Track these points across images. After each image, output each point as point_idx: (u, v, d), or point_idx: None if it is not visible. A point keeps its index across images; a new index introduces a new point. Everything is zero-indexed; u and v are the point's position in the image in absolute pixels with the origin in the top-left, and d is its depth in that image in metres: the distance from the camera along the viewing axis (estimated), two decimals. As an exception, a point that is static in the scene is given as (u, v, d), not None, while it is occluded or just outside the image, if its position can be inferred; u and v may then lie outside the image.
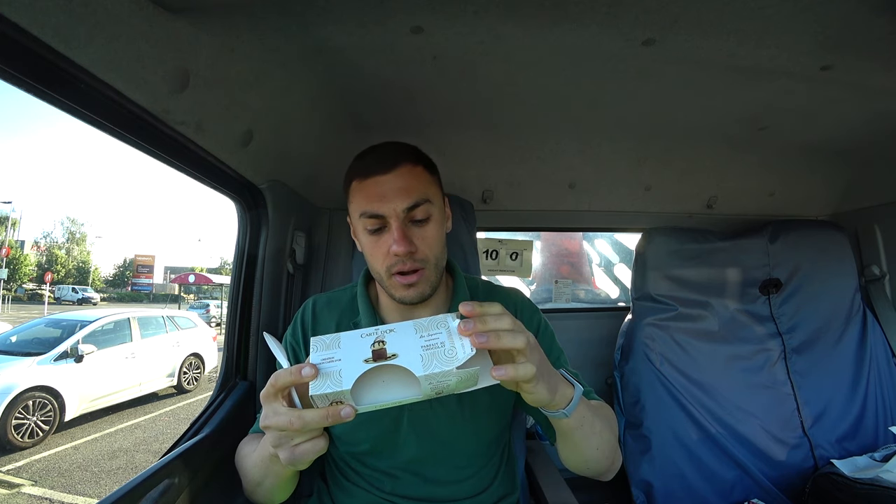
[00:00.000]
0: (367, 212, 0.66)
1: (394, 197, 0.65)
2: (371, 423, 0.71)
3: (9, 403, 4.23)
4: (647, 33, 0.74)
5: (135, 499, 0.62)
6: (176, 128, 0.66)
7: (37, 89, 0.49)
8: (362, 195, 0.67)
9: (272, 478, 0.62)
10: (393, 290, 0.69)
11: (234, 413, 0.89)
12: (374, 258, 0.69)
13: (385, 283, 0.69)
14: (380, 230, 0.67)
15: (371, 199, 0.66)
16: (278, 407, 0.50)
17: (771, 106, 1.03)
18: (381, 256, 0.67)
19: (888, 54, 0.78)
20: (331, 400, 0.47)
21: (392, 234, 0.65)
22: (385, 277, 0.68)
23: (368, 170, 0.67)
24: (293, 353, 0.77)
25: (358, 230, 0.70)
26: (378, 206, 0.65)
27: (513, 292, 0.86)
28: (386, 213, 0.65)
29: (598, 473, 0.71)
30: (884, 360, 1.33)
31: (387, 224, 0.66)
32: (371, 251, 0.69)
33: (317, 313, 0.79)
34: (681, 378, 1.24)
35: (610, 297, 2.37)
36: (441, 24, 0.71)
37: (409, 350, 0.48)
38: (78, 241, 39.32)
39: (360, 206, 0.67)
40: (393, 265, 0.67)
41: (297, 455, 0.51)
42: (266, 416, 0.50)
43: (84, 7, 0.46)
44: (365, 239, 0.69)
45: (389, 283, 0.69)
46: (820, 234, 1.40)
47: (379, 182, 0.66)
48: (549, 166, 1.34)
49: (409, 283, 0.68)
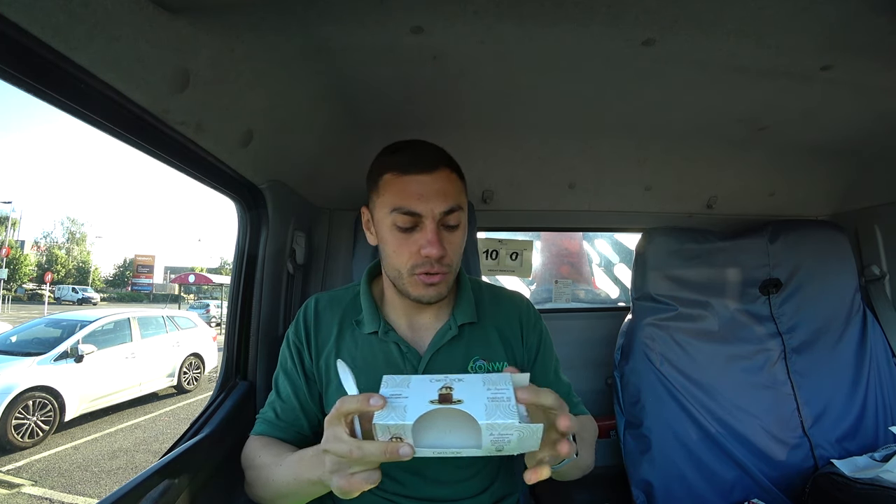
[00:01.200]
0: (403, 208, 0.65)
1: (433, 198, 0.65)
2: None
3: (9, 403, 4.23)
4: (647, 33, 0.74)
5: (135, 499, 0.62)
6: (176, 128, 0.66)
7: (37, 89, 0.49)
8: (398, 190, 0.66)
9: (305, 496, 0.63)
10: (412, 287, 0.69)
11: (234, 413, 0.89)
12: (398, 255, 0.68)
13: (404, 280, 0.69)
14: (411, 229, 0.66)
15: (409, 196, 0.65)
16: (341, 433, 0.50)
17: (771, 106, 1.03)
18: (408, 255, 0.67)
19: (888, 54, 0.78)
20: (392, 434, 0.47)
21: (425, 235, 0.65)
22: (406, 275, 0.68)
23: (408, 166, 0.66)
24: (297, 353, 0.77)
25: (382, 224, 0.69)
26: (416, 205, 0.65)
27: (517, 297, 0.86)
28: (423, 212, 0.65)
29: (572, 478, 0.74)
30: (884, 360, 1.33)
31: (419, 224, 0.66)
32: (396, 248, 0.68)
33: (319, 312, 0.79)
34: (681, 378, 1.24)
35: (610, 297, 2.37)
36: (441, 24, 0.71)
37: (475, 399, 0.48)
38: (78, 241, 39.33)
39: (394, 201, 0.66)
40: (419, 265, 0.67)
41: (352, 484, 0.51)
42: (327, 440, 0.51)
43: (84, 7, 0.46)
44: (391, 235, 0.68)
45: (409, 281, 0.68)
46: (820, 234, 1.40)
47: (420, 181, 0.65)
48: (549, 166, 1.34)
49: (431, 283, 0.68)
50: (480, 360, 0.77)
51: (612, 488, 1.30)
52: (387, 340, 0.74)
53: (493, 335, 0.79)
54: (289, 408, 0.75)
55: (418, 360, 0.74)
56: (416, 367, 0.74)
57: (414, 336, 0.77)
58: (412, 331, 0.77)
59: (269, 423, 0.75)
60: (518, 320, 0.82)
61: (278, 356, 0.80)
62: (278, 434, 0.74)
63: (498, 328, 0.80)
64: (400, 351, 0.74)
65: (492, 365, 0.77)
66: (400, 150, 0.69)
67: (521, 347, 0.81)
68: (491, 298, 0.83)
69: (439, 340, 0.75)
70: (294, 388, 0.76)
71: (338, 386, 0.74)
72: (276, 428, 0.75)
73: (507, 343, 0.80)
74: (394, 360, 0.74)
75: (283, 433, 0.75)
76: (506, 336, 0.80)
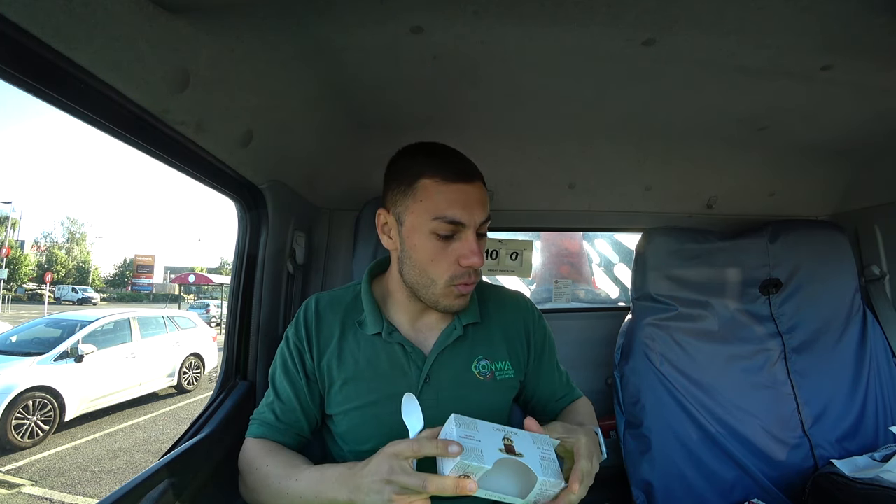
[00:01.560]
0: (447, 216, 0.65)
1: (475, 208, 0.66)
2: (379, 421, 0.71)
3: (9, 403, 4.23)
4: (647, 33, 0.74)
5: (135, 499, 0.62)
6: (176, 128, 0.66)
7: (37, 89, 0.49)
8: (443, 198, 0.65)
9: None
10: (443, 297, 0.69)
11: (234, 413, 0.89)
12: (436, 264, 0.67)
13: (437, 290, 0.69)
14: (449, 237, 0.66)
15: (454, 204, 0.65)
16: (407, 466, 0.54)
17: (771, 106, 1.03)
18: (447, 264, 0.67)
19: (888, 54, 0.78)
20: (464, 471, 0.52)
21: (466, 245, 0.66)
22: (442, 285, 0.68)
23: (453, 175, 0.66)
24: (298, 353, 0.76)
25: (417, 230, 0.67)
26: (461, 214, 0.65)
27: (520, 298, 0.87)
28: (467, 222, 0.65)
29: None
30: (884, 360, 1.33)
31: (458, 233, 0.66)
32: (435, 257, 0.67)
33: (320, 312, 0.79)
34: (681, 378, 1.24)
35: (610, 297, 2.37)
36: (441, 24, 0.71)
37: (531, 455, 0.54)
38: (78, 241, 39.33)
39: (437, 208, 0.65)
40: (458, 276, 0.67)
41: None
42: (394, 472, 0.53)
43: (84, 7, 0.46)
44: (429, 242, 0.67)
45: (444, 292, 0.69)
46: (820, 234, 1.40)
47: (464, 190, 0.66)
48: (549, 166, 1.34)
49: (465, 293, 0.69)
50: (484, 360, 0.77)
51: (612, 488, 1.30)
52: (391, 341, 0.74)
53: (496, 334, 0.80)
54: (289, 409, 0.75)
55: (423, 360, 0.74)
56: (420, 367, 0.73)
57: (418, 336, 0.77)
58: (416, 331, 0.77)
59: (269, 425, 0.74)
60: (522, 322, 0.83)
61: None
62: (278, 437, 0.74)
63: (501, 327, 0.81)
64: (404, 351, 0.74)
65: (495, 364, 0.77)
66: (438, 156, 0.68)
67: (525, 347, 0.82)
68: (493, 298, 0.84)
69: (444, 340, 0.75)
70: (295, 390, 0.75)
71: (341, 387, 0.73)
72: (276, 430, 0.74)
73: (510, 342, 0.80)
74: (398, 360, 0.74)
75: (283, 436, 0.74)
76: (509, 335, 0.81)
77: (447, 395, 0.73)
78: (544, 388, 0.85)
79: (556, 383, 0.86)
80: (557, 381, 0.86)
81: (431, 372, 0.73)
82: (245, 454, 0.73)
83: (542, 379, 0.85)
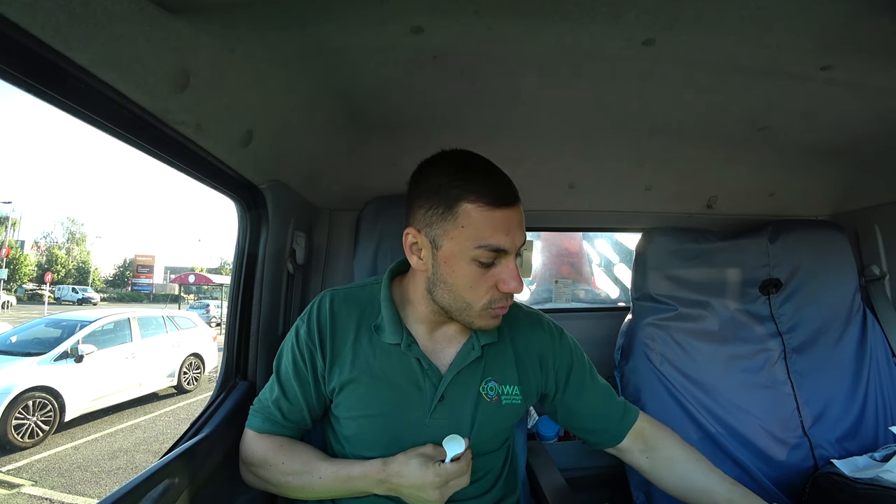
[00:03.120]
0: (492, 245, 0.62)
1: (517, 233, 0.64)
2: (387, 432, 0.71)
3: (9, 403, 4.23)
4: (647, 33, 0.74)
5: (135, 499, 0.62)
6: (176, 128, 0.66)
7: (37, 89, 0.49)
8: (486, 225, 0.62)
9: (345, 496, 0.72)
10: (479, 320, 0.68)
11: (234, 413, 0.89)
12: (474, 290, 0.65)
13: (472, 313, 0.67)
14: (490, 264, 0.64)
15: (499, 231, 0.62)
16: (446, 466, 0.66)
17: (771, 106, 1.03)
18: (485, 289, 0.65)
19: (888, 54, 0.78)
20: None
21: (507, 271, 0.64)
22: (479, 309, 0.66)
23: (498, 199, 0.62)
24: (309, 355, 0.74)
25: (459, 257, 0.64)
26: (504, 241, 0.62)
27: (538, 318, 0.85)
28: (509, 247, 0.63)
29: None
30: (884, 360, 1.33)
31: (500, 258, 0.64)
32: (475, 283, 0.64)
33: (335, 311, 0.76)
34: (681, 378, 1.24)
35: (610, 297, 2.36)
36: (441, 24, 0.71)
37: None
38: (78, 241, 39.31)
39: (482, 236, 0.62)
40: (497, 300, 0.66)
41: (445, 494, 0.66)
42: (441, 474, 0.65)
43: (84, 7, 0.46)
44: (470, 269, 0.64)
45: (480, 314, 0.67)
46: (820, 234, 1.40)
47: (507, 216, 0.63)
48: (549, 166, 1.34)
49: (501, 315, 0.69)
50: (492, 382, 0.76)
51: (612, 488, 1.30)
52: (409, 354, 0.72)
53: (508, 356, 0.78)
54: (296, 409, 0.75)
55: (439, 378, 0.73)
56: (435, 385, 0.72)
57: (435, 348, 0.75)
58: (433, 342, 0.75)
59: (275, 422, 0.75)
60: (538, 347, 0.81)
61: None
62: (284, 433, 0.75)
63: (514, 350, 0.79)
64: (421, 367, 0.72)
65: (502, 388, 0.76)
66: (480, 177, 0.64)
67: (539, 374, 0.80)
68: (510, 317, 0.80)
69: (462, 361, 0.73)
70: (304, 391, 0.74)
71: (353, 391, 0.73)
72: (282, 427, 0.75)
73: (521, 367, 0.79)
74: (414, 375, 0.73)
75: (289, 432, 0.76)
76: (521, 360, 0.79)
77: (458, 415, 0.72)
78: (589, 409, 0.82)
79: (602, 400, 0.83)
80: (605, 398, 0.83)
81: (447, 392, 0.72)
82: (251, 447, 0.73)
83: (582, 402, 0.82)
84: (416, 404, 0.72)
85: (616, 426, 0.82)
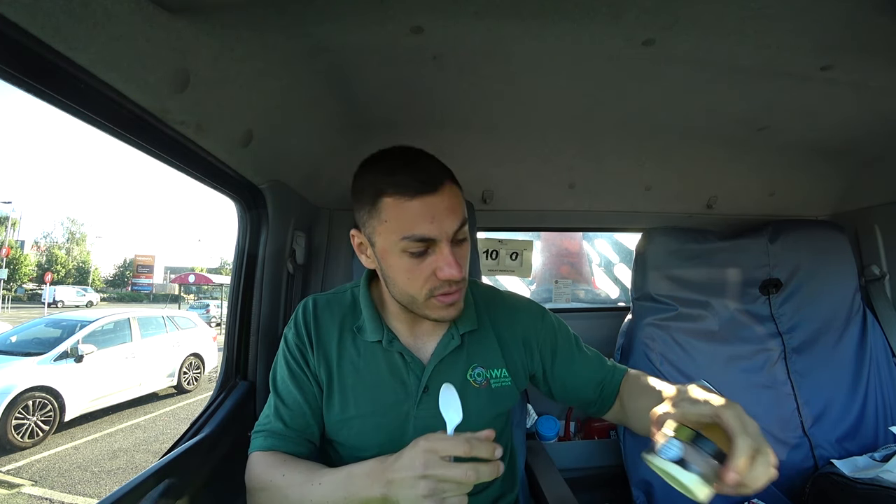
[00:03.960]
0: (415, 235, 0.61)
1: (444, 219, 0.61)
2: (378, 430, 0.71)
3: (9, 403, 4.23)
4: (647, 33, 0.74)
5: (135, 499, 0.62)
6: (176, 128, 0.66)
7: (37, 89, 0.49)
8: (406, 217, 0.61)
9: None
10: (430, 310, 0.66)
11: (234, 413, 0.89)
12: (412, 282, 0.64)
13: (419, 305, 0.66)
14: (422, 253, 0.62)
15: (419, 221, 0.60)
16: (443, 460, 0.53)
17: (771, 106, 1.03)
18: (423, 280, 0.63)
19: (888, 54, 0.78)
20: None
21: (442, 258, 0.62)
22: (422, 300, 0.65)
23: (411, 188, 0.61)
24: (300, 354, 0.74)
25: (389, 252, 0.64)
26: (428, 229, 0.61)
27: (519, 301, 0.85)
28: (436, 235, 0.61)
29: None
30: (884, 360, 1.33)
31: (432, 246, 0.62)
32: (410, 275, 0.64)
33: (318, 314, 0.77)
34: (681, 378, 1.24)
35: (610, 297, 2.36)
36: (441, 24, 0.71)
37: None
38: (78, 241, 39.31)
39: (403, 228, 0.61)
40: (437, 288, 0.64)
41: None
42: (430, 466, 0.53)
43: (84, 7, 0.46)
44: (402, 262, 0.63)
45: (427, 304, 0.66)
46: (820, 234, 1.40)
47: (428, 203, 0.61)
48: (549, 166, 1.34)
49: (451, 303, 0.66)
50: (479, 368, 0.77)
51: (612, 488, 1.30)
52: (391, 350, 0.73)
53: (491, 341, 0.79)
54: (298, 414, 0.72)
55: (422, 369, 0.73)
56: (419, 376, 0.73)
57: (416, 343, 0.76)
58: (415, 338, 0.76)
59: (278, 435, 0.70)
60: (521, 328, 0.81)
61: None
62: (289, 447, 0.70)
63: (497, 333, 0.80)
64: (404, 360, 0.73)
65: (490, 372, 0.77)
66: (396, 169, 0.63)
67: (525, 354, 0.80)
68: (491, 303, 0.82)
69: (442, 351, 0.74)
70: (303, 392, 0.73)
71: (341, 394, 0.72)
72: (286, 440, 0.70)
73: (505, 349, 0.79)
74: (398, 370, 0.73)
75: (295, 445, 0.71)
76: (505, 342, 0.80)
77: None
78: (582, 380, 0.82)
79: (593, 369, 0.82)
80: (595, 367, 0.83)
81: (430, 382, 0.73)
82: (253, 469, 0.69)
83: (574, 374, 0.82)
84: (403, 398, 0.72)
85: (610, 391, 0.82)
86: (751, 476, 0.46)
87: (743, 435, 0.48)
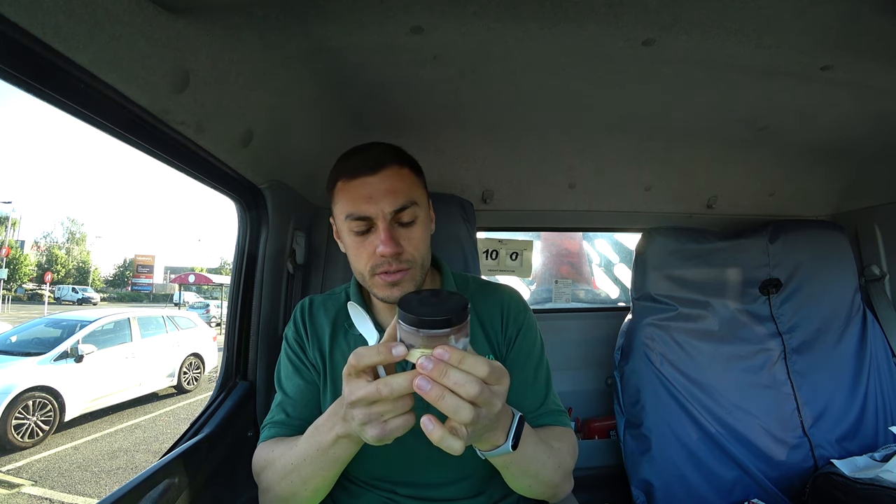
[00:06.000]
0: (354, 214, 0.66)
1: (381, 198, 0.65)
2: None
3: (9, 403, 4.23)
4: (647, 33, 0.74)
5: (135, 499, 0.62)
6: (176, 128, 0.66)
7: (37, 89, 0.49)
8: (348, 197, 0.67)
9: (328, 468, 0.60)
10: (377, 289, 0.69)
11: (234, 413, 0.89)
12: (358, 259, 0.69)
13: (367, 283, 0.70)
14: (366, 232, 0.67)
15: (357, 200, 0.66)
16: (361, 383, 0.49)
17: (771, 106, 1.03)
18: (366, 257, 0.67)
19: (888, 54, 0.78)
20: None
21: (379, 236, 0.65)
22: (367, 277, 0.69)
23: (354, 171, 0.66)
24: (300, 347, 0.78)
25: (342, 232, 0.71)
26: (365, 208, 0.65)
27: (505, 289, 0.85)
28: (373, 214, 0.65)
29: (537, 497, 0.70)
30: (884, 360, 1.33)
31: (373, 225, 0.66)
32: (356, 252, 0.68)
33: (313, 311, 0.80)
34: (681, 378, 1.24)
35: (610, 297, 2.37)
36: (441, 24, 0.71)
37: None
38: (78, 241, 39.32)
39: (345, 208, 0.67)
40: (378, 265, 0.67)
41: (388, 430, 0.49)
42: (351, 393, 0.49)
43: (84, 7, 0.46)
44: (350, 240, 0.69)
45: (372, 282, 0.69)
46: (820, 234, 1.40)
47: (366, 183, 0.66)
48: (549, 166, 1.34)
49: (393, 282, 0.68)
50: None
51: (612, 488, 1.30)
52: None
53: (475, 329, 0.78)
54: (302, 404, 0.74)
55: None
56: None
57: None
58: None
59: (281, 424, 0.72)
60: (500, 311, 0.80)
61: (278, 357, 0.80)
62: (291, 433, 0.72)
63: (481, 321, 0.79)
64: None
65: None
66: (348, 156, 0.70)
67: (499, 330, 0.78)
68: (476, 291, 0.82)
69: None
70: (305, 383, 0.75)
71: (333, 389, 0.73)
72: (288, 427, 0.72)
73: (489, 335, 0.78)
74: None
75: (296, 431, 0.71)
76: (484, 323, 0.79)
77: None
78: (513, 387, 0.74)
79: (529, 388, 0.76)
80: (532, 388, 0.76)
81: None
82: (256, 457, 0.71)
83: (513, 375, 0.73)
84: None
85: (529, 417, 0.71)
86: None
87: None
